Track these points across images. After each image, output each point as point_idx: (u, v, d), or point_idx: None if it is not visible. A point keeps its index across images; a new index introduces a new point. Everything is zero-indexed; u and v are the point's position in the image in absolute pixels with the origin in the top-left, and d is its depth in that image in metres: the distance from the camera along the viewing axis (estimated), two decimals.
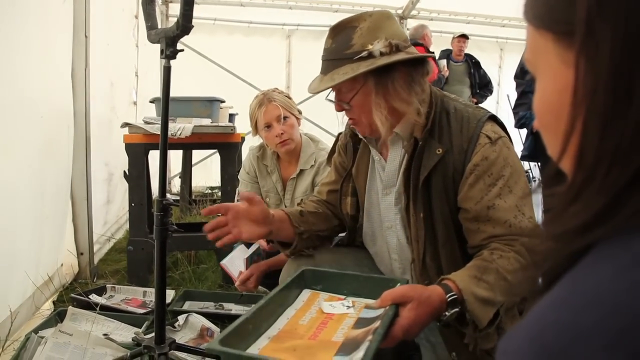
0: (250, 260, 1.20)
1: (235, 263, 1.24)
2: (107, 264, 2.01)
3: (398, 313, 0.62)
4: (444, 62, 3.59)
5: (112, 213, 2.35)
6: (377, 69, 0.73)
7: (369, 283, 0.72)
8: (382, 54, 0.73)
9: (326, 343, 0.59)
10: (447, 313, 0.66)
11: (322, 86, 0.77)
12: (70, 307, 1.38)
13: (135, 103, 2.72)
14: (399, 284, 0.70)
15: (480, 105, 3.24)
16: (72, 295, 1.53)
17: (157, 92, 2.53)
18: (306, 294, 0.74)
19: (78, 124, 1.77)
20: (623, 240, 0.22)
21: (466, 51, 3.80)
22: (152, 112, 2.12)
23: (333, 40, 0.77)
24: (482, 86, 3.82)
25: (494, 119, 0.80)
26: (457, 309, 0.66)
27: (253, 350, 0.59)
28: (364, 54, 0.73)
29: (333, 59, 0.77)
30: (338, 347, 0.58)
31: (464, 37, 3.71)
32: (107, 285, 1.66)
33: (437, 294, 0.66)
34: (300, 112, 1.36)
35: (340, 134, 0.99)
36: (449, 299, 0.66)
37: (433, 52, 3.43)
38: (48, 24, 1.51)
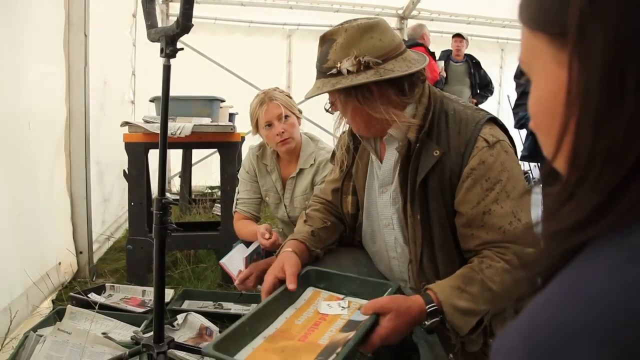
0: (249, 259, 1.20)
1: (235, 262, 1.24)
2: (106, 263, 2.01)
3: (378, 322, 0.67)
4: (441, 63, 3.60)
5: (110, 211, 2.34)
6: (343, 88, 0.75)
7: (366, 285, 0.78)
8: (349, 72, 0.74)
9: (312, 345, 0.64)
10: (426, 322, 0.69)
11: (307, 95, 0.81)
12: (69, 305, 1.38)
13: (132, 102, 2.71)
14: (390, 289, 0.75)
15: (480, 105, 3.22)
16: (71, 294, 1.53)
17: (156, 91, 2.52)
18: (309, 292, 0.79)
19: (76, 123, 1.77)
20: (616, 238, 0.22)
21: (467, 52, 3.80)
22: (150, 111, 2.12)
23: (318, 52, 0.80)
24: (482, 87, 3.82)
25: (494, 121, 0.80)
26: (437, 319, 0.69)
27: (247, 349, 0.63)
28: (334, 71, 0.75)
29: (317, 70, 0.80)
30: (321, 350, 0.62)
31: (460, 36, 3.71)
32: (106, 284, 1.67)
33: (417, 305, 0.70)
34: (300, 112, 1.37)
35: (343, 132, 1.00)
36: (429, 310, 0.69)
37: (433, 52, 3.45)
38: (37, 20, 1.50)
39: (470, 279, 0.72)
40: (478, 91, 3.80)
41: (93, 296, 1.55)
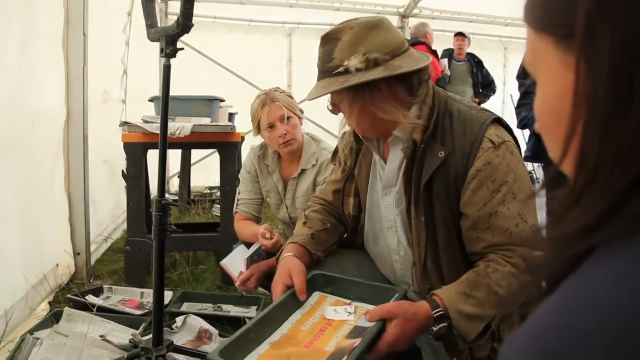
0: (250, 260, 1.20)
1: (236, 263, 1.25)
2: (104, 265, 2.01)
3: (385, 328, 0.67)
4: (445, 61, 3.59)
5: (106, 212, 2.33)
6: (352, 86, 0.74)
7: (372, 290, 0.78)
8: (357, 70, 0.74)
9: (318, 352, 0.64)
10: (434, 328, 0.69)
11: (309, 96, 0.80)
12: (66, 307, 1.38)
13: (123, 101, 2.70)
14: (397, 294, 0.75)
15: (483, 105, 3.20)
16: (68, 295, 1.53)
17: (148, 91, 2.52)
18: (315, 296, 0.80)
19: (75, 123, 1.77)
20: (624, 244, 0.22)
21: (469, 50, 3.80)
22: (144, 111, 2.10)
23: (321, 51, 0.79)
24: (484, 86, 3.82)
25: (498, 121, 0.80)
26: (444, 324, 0.69)
27: (253, 355, 0.64)
28: (341, 69, 0.74)
29: (319, 69, 0.79)
30: (326, 357, 0.62)
31: (462, 35, 3.71)
32: (104, 286, 1.67)
33: (423, 311, 0.70)
34: (302, 112, 1.37)
35: (345, 132, 1.00)
36: (435, 315, 0.70)
37: (435, 51, 3.45)
38: (36, 19, 1.50)
39: (476, 284, 0.72)
40: (480, 90, 3.80)
41: (91, 298, 1.55)
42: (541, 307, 0.22)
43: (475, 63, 3.78)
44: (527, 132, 2.15)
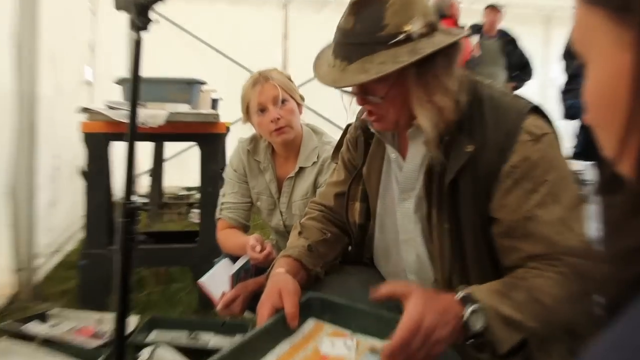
0: (236, 278, 1.20)
1: (218, 281, 1.24)
2: (52, 283, 2.00)
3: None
4: (475, 39, 3.60)
5: (58, 217, 2.34)
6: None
7: (380, 320, 0.76)
8: (421, 35, 0.74)
9: None
10: (465, 314, 0.67)
11: (352, 79, 0.75)
12: (1, 339, 1.36)
13: (90, 83, 2.69)
14: None
15: (518, 91, 3.19)
16: (3, 324, 1.49)
17: (122, 71, 2.52)
18: (310, 324, 0.78)
19: (23, 108, 1.76)
20: None
21: (502, 26, 3.81)
22: (113, 94, 2.11)
23: (357, 19, 0.76)
24: (519, 68, 3.82)
25: (537, 111, 0.80)
26: (475, 305, 0.67)
27: None
28: (401, 37, 0.73)
29: (360, 42, 0.75)
30: None
31: (496, 8, 3.71)
32: (50, 312, 1.64)
33: (445, 294, 0.70)
34: (302, 99, 1.37)
35: (349, 125, 1.00)
36: (460, 297, 0.69)
37: (463, 27, 3.46)
38: None
39: (514, 285, 0.71)
40: (515, 73, 3.80)
41: (33, 326, 1.53)
42: (600, 338, 0.22)
43: (508, 41, 3.78)
44: (574, 124, 2.15)
